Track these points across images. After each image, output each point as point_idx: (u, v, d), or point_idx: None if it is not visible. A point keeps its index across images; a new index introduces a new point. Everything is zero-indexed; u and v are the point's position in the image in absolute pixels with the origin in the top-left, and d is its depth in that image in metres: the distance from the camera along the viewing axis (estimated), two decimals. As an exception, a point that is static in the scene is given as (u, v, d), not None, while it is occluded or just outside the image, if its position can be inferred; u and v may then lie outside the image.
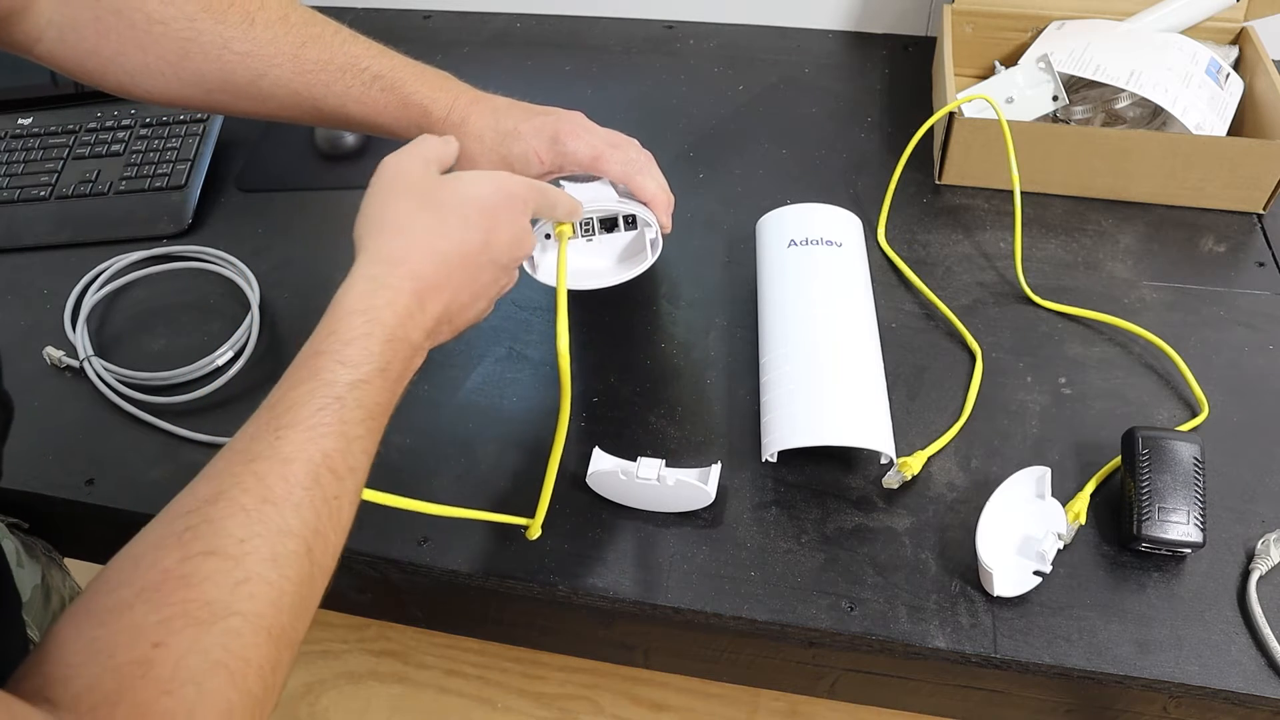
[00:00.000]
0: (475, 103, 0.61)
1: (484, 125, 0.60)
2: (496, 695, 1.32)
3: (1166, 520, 0.56)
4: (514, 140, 0.60)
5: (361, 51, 0.59)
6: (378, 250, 0.48)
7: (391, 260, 0.47)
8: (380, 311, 0.45)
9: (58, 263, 0.81)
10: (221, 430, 0.67)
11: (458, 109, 0.60)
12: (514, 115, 0.61)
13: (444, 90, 0.61)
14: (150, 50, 0.55)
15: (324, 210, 0.86)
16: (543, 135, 0.60)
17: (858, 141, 0.88)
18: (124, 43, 0.55)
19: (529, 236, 0.52)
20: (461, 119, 0.60)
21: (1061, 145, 0.78)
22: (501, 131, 0.60)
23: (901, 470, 0.61)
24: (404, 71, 0.60)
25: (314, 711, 1.34)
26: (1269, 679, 0.53)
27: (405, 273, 0.47)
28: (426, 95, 0.60)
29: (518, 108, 0.62)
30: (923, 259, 0.77)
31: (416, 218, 0.48)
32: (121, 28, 0.55)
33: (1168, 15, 0.85)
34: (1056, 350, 0.70)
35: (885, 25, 1.01)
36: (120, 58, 0.56)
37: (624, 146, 0.62)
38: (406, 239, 0.48)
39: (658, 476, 0.59)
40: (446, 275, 0.48)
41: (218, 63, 0.56)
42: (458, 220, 0.49)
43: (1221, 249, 0.77)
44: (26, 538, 0.68)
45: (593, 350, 0.72)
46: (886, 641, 0.56)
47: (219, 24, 0.56)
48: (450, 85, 0.61)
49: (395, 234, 0.48)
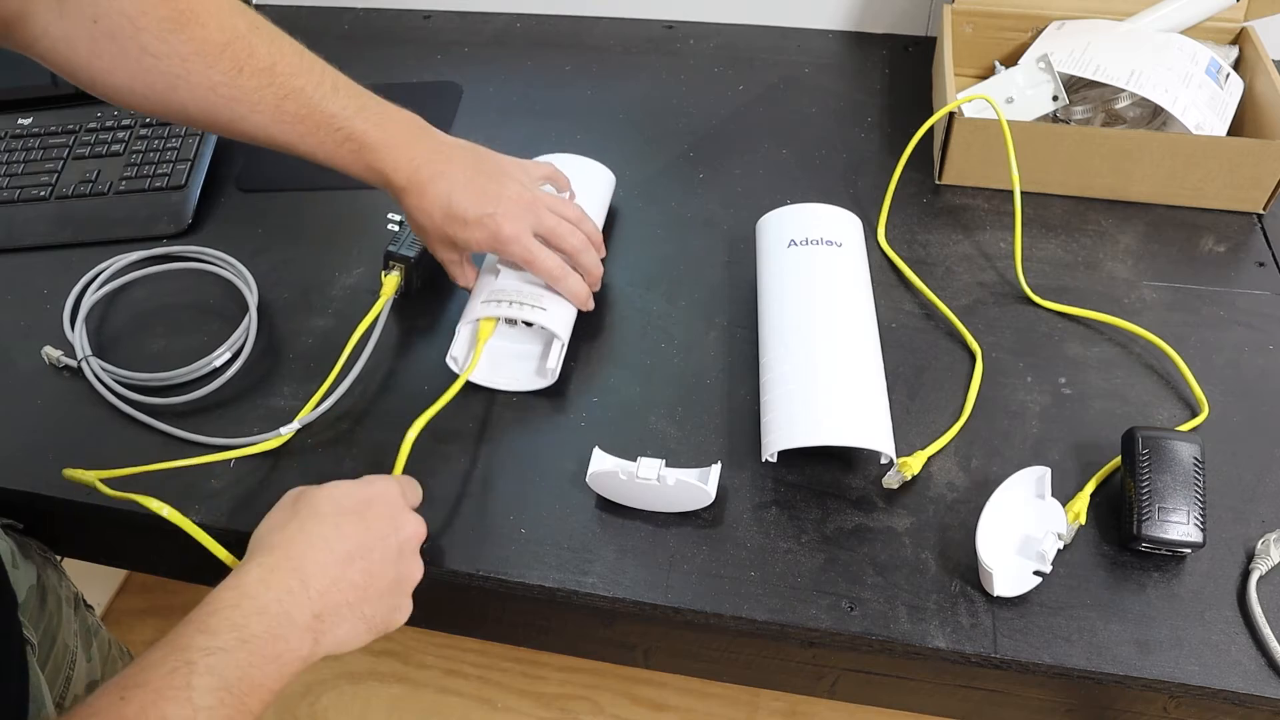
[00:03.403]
0: (435, 179, 0.63)
1: (436, 205, 0.64)
2: (496, 695, 1.32)
3: (1166, 520, 0.56)
4: (460, 227, 0.64)
5: (338, 110, 0.61)
6: (256, 545, 0.51)
7: (268, 548, 0.50)
8: (251, 585, 0.47)
9: (57, 263, 0.81)
10: (218, 431, 0.67)
11: (416, 183, 0.63)
12: (468, 200, 0.64)
13: (408, 160, 0.63)
14: (139, 78, 0.58)
15: (324, 211, 0.86)
16: (485, 231, 0.64)
17: (858, 141, 0.88)
18: (115, 66, 0.57)
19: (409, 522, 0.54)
20: (419, 192, 0.64)
21: (1061, 145, 0.78)
22: (451, 215, 0.64)
23: (901, 470, 0.61)
24: (375, 135, 0.62)
25: (314, 711, 1.34)
26: (1269, 679, 0.53)
27: (282, 554, 0.49)
28: (390, 165, 0.63)
29: (474, 190, 0.64)
30: (923, 259, 0.77)
31: (294, 516, 0.52)
32: (114, 52, 0.57)
33: (1168, 15, 0.85)
34: (1056, 350, 0.70)
35: (885, 25, 1.01)
36: (111, 76, 0.58)
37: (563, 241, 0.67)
38: (282, 533, 0.51)
39: (658, 476, 0.59)
40: (329, 554, 0.49)
41: (204, 102, 0.59)
42: (331, 509, 0.52)
43: (1221, 249, 0.77)
44: (21, 539, 0.68)
45: (593, 350, 0.72)
46: (886, 641, 0.56)
47: (209, 69, 0.58)
48: (418, 152, 0.64)
49: (271, 531, 0.51)
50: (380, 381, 0.71)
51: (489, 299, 0.67)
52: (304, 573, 0.48)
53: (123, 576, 1.48)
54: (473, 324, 0.67)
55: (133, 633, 1.41)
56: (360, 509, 0.52)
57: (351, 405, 0.69)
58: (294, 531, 0.50)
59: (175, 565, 0.79)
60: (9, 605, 0.57)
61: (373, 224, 0.81)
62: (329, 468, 0.66)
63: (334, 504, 0.52)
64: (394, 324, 0.74)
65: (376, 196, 0.85)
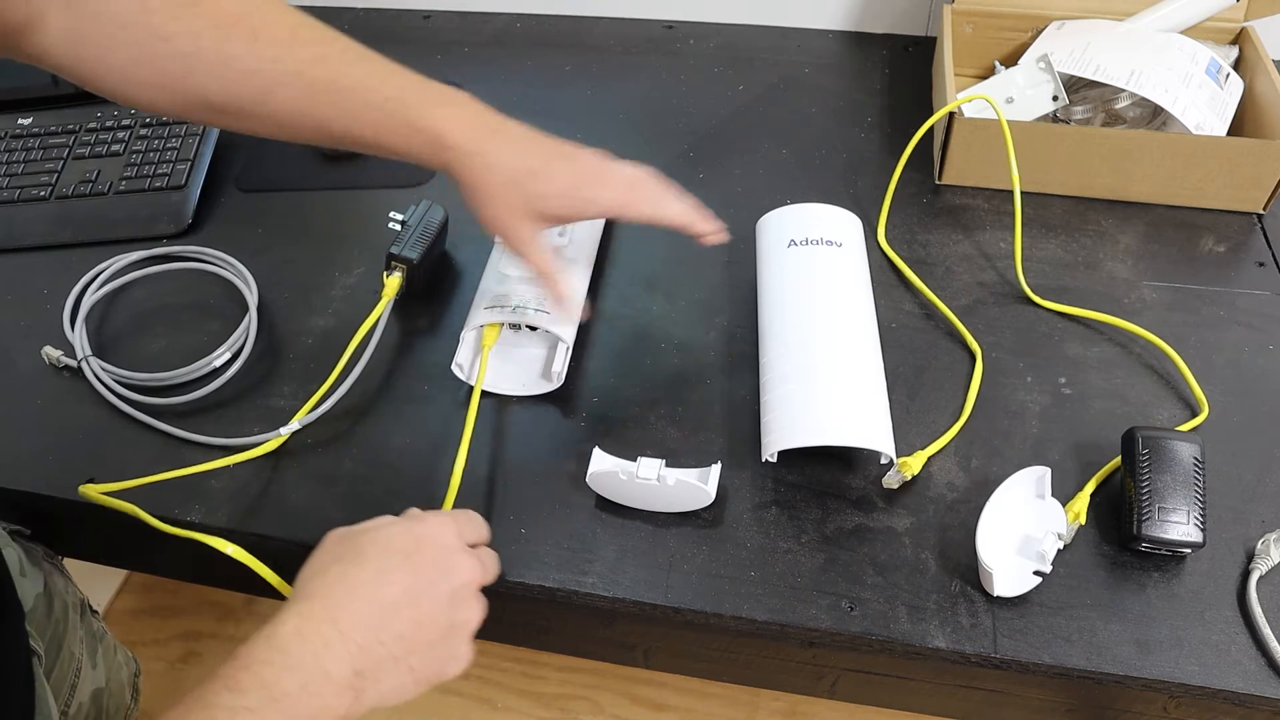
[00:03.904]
0: (495, 134, 0.58)
1: (503, 159, 0.57)
2: (496, 695, 1.32)
3: (1166, 520, 0.56)
4: (534, 180, 0.58)
5: (370, 70, 0.56)
6: (296, 592, 0.47)
7: (307, 596, 0.45)
8: (285, 639, 0.43)
9: (57, 263, 0.81)
10: (218, 431, 0.67)
11: (474, 138, 0.57)
12: (536, 153, 0.58)
13: (461, 118, 0.57)
14: (155, 65, 0.54)
15: (324, 211, 0.86)
16: (565, 179, 0.58)
17: (858, 141, 0.88)
18: (129, 58, 0.54)
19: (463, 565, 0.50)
20: (478, 149, 0.57)
21: (1061, 145, 0.78)
22: (522, 169, 0.58)
23: (901, 470, 0.61)
24: (417, 94, 0.57)
25: (314, 712, 1.34)
26: (1269, 679, 0.53)
27: (320, 603, 0.45)
28: (441, 119, 0.56)
29: (540, 144, 0.59)
30: (923, 259, 0.77)
31: (336, 561, 0.48)
32: (127, 43, 0.53)
33: (1168, 15, 0.85)
34: (1056, 350, 0.70)
35: (885, 25, 1.01)
36: (126, 72, 0.54)
37: (641, 187, 0.60)
38: (322, 579, 0.47)
39: (658, 476, 0.59)
40: (371, 603, 0.45)
41: (221, 80, 0.55)
42: (375, 553, 0.48)
43: (1221, 249, 0.77)
44: (28, 544, 0.68)
45: (593, 350, 0.72)
46: (886, 641, 0.56)
47: (223, 41, 0.54)
48: (469, 112, 0.58)
49: (311, 577, 0.47)
50: (380, 382, 0.71)
51: (492, 304, 0.67)
52: (342, 624, 0.44)
53: (123, 576, 1.48)
54: (477, 330, 0.67)
55: (133, 633, 1.41)
56: (408, 551, 0.48)
57: (351, 405, 0.69)
58: (334, 578, 0.46)
59: (175, 565, 0.79)
60: (16, 618, 0.56)
61: (373, 224, 0.81)
62: (329, 468, 0.66)
63: (379, 547, 0.48)
64: (394, 325, 0.74)
65: (377, 196, 0.86)
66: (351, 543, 0.49)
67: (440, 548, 0.49)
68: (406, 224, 0.74)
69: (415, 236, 0.73)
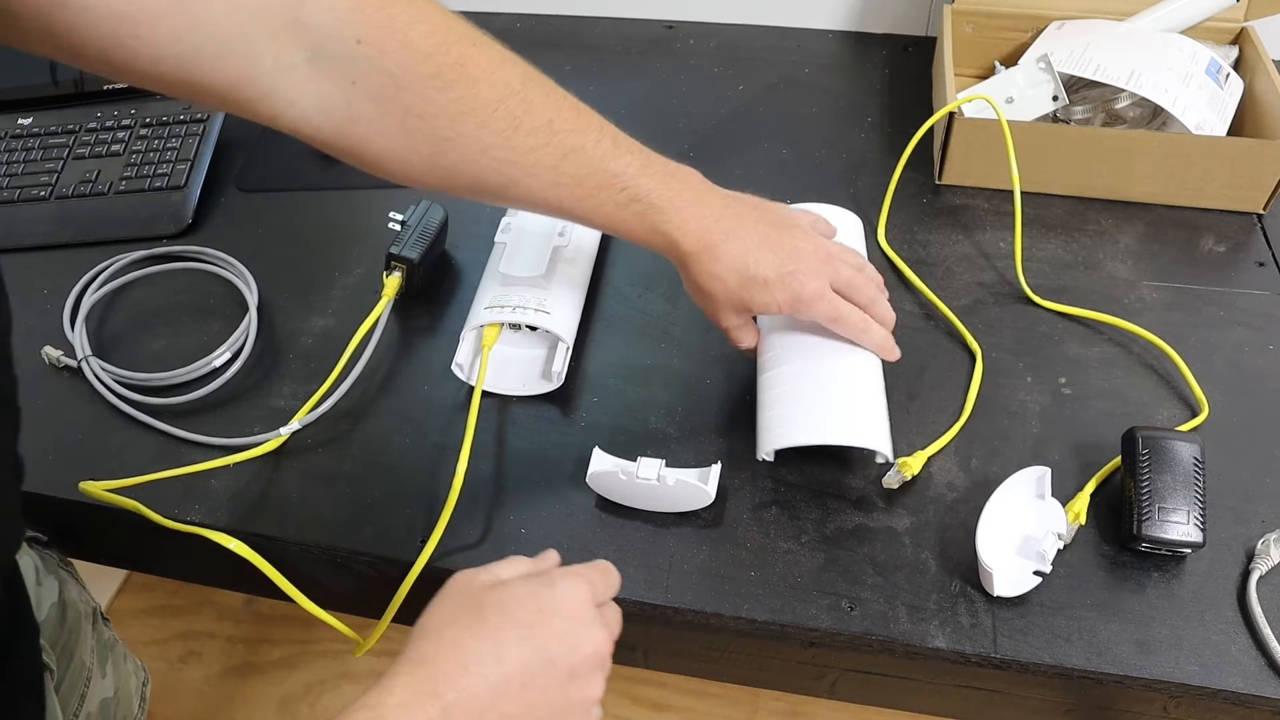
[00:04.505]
0: (728, 240, 0.58)
1: (731, 269, 0.58)
2: (496, 695, 1.32)
3: (1166, 520, 0.56)
4: (759, 289, 0.58)
5: (621, 169, 0.56)
6: (409, 650, 0.44)
7: (418, 662, 0.43)
8: (389, 711, 0.41)
9: (58, 263, 0.81)
10: (218, 431, 0.67)
11: (708, 245, 0.58)
12: (766, 260, 0.58)
13: (698, 221, 0.58)
14: (403, 143, 0.52)
15: (324, 211, 0.86)
16: (787, 291, 0.59)
17: (858, 141, 0.88)
18: (377, 131, 0.51)
19: (590, 639, 0.46)
20: (712, 257, 0.58)
21: (1061, 145, 0.78)
22: (749, 278, 0.58)
23: (901, 470, 0.61)
24: (661, 194, 0.57)
25: (314, 711, 1.34)
26: (1269, 679, 0.53)
27: (429, 674, 0.42)
28: (679, 228, 0.57)
29: (767, 248, 0.59)
30: (923, 259, 0.77)
31: (452, 622, 0.45)
32: (376, 116, 0.50)
33: (1168, 15, 0.85)
34: (1056, 350, 0.70)
35: (885, 25, 1.01)
36: (372, 144, 0.52)
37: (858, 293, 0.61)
38: (437, 640, 0.44)
39: (658, 476, 0.59)
40: (481, 681, 0.43)
41: (474, 165, 0.53)
42: (497, 619, 0.45)
43: (1221, 249, 0.77)
44: (44, 550, 0.67)
45: (593, 350, 0.72)
46: (886, 641, 0.56)
47: (480, 129, 0.52)
48: (706, 212, 0.58)
49: (425, 634, 0.45)
50: (380, 382, 0.71)
51: (492, 305, 0.67)
52: (448, 700, 0.42)
53: (123, 576, 1.48)
54: (477, 330, 0.67)
55: (132, 632, 1.41)
56: (530, 623, 0.45)
57: (351, 405, 0.69)
58: (448, 645, 0.44)
59: (175, 565, 0.79)
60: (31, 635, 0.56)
61: (373, 224, 0.81)
62: (329, 468, 0.66)
63: (499, 612, 0.45)
64: (394, 324, 0.74)
65: (377, 196, 0.86)
66: (473, 600, 0.46)
67: (566, 619, 0.45)
68: (406, 224, 0.74)
69: (415, 236, 0.73)
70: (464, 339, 0.67)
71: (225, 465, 0.65)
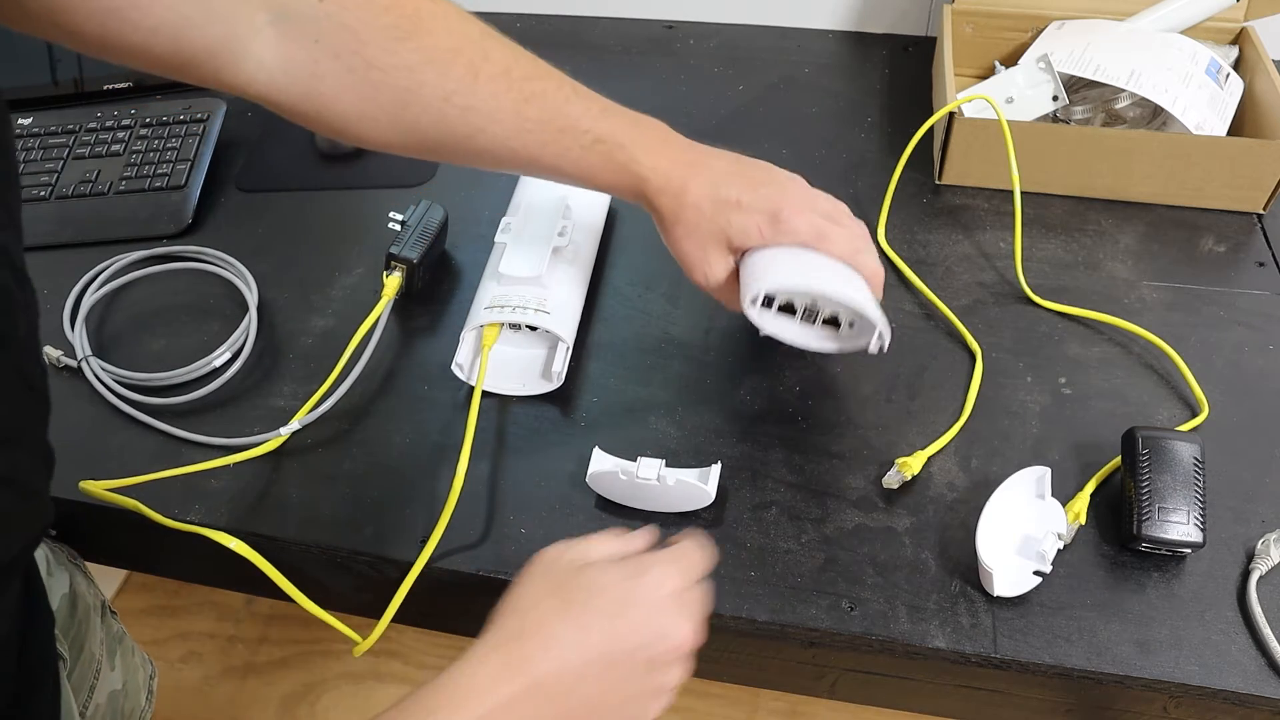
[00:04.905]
0: (693, 167, 0.59)
1: (702, 194, 0.58)
2: (496, 695, 1.32)
3: (1166, 520, 0.56)
4: (734, 211, 0.58)
5: (582, 112, 0.57)
6: (497, 628, 0.45)
7: (507, 636, 0.44)
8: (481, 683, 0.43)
9: (57, 263, 0.81)
10: (219, 431, 0.67)
11: (676, 175, 0.58)
12: (735, 185, 0.59)
13: (663, 155, 0.58)
14: (368, 97, 0.53)
15: (323, 211, 0.86)
16: (765, 210, 0.58)
17: (858, 141, 0.88)
18: (341, 87, 0.53)
19: (675, 630, 0.46)
20: (680, 187, 0.58)
21: (1061, 145, 0.78)
22: (721, 200, 0.58)
23: (901, 470, 0.61)
24: (624, 135, 0.58)
25: (314, 711, 1.34)
26: (1269, 679, 0.53)
27: (516, 650, 0.44)
28: (645, 164, 0.58)
29: (738, 175, 0.60)
30: (923, 259, 0.77)
31: (536, 604, 0.46)
32: (340, 72, 0.52)
33: (1168, 15, 0.85)
34: (1056, 350, 0.70)
35: (885, 25, 1.01)
36: (336, 103, 0.53)
37: (843, 221, 0.61)
38: (521, 621, 0.45)
39: (658, 476, 0.59)
40: (562, 663, 0.44)
41: (436, 115, 0.54)
42: (583, 602, 0.45)
43: (1221, 249, 0.77)
44: (54, 544, 0.67)
45: (593, 350, 0.72)
46: (886, 641, 0.56)
47: (441, 77, 0.53)
48: (669, 148, 0.59)
49: (513, 612, 0.46)
50: (380, 381, 0.71)
51: (492, 305, 0.67)
52: (536, 674, 0.43)
53: (123, 576, 1.48)
54: (477, 330, 0.67)
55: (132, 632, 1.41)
56: (613, 613, 0.45)
57: (351, 405, 0.69)
58: (534, 623, 0.45)
59: (175, 565, 0.79)
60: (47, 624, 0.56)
61: (373, 224, 0.81)
62: (329, 468, 0.66)
63: (585, 596, 0.45)
64: (394, 324, 0.74)
65: (377, 196, 0.86)
66: (559, 580, 0.46)
67: (650, 609, 0.45)
68: (406, 224, 0.74)
69: (415, 236, 0.73)
70: (464, 339, 0.67)
71: (225, 465, 0.65)
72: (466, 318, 0.69)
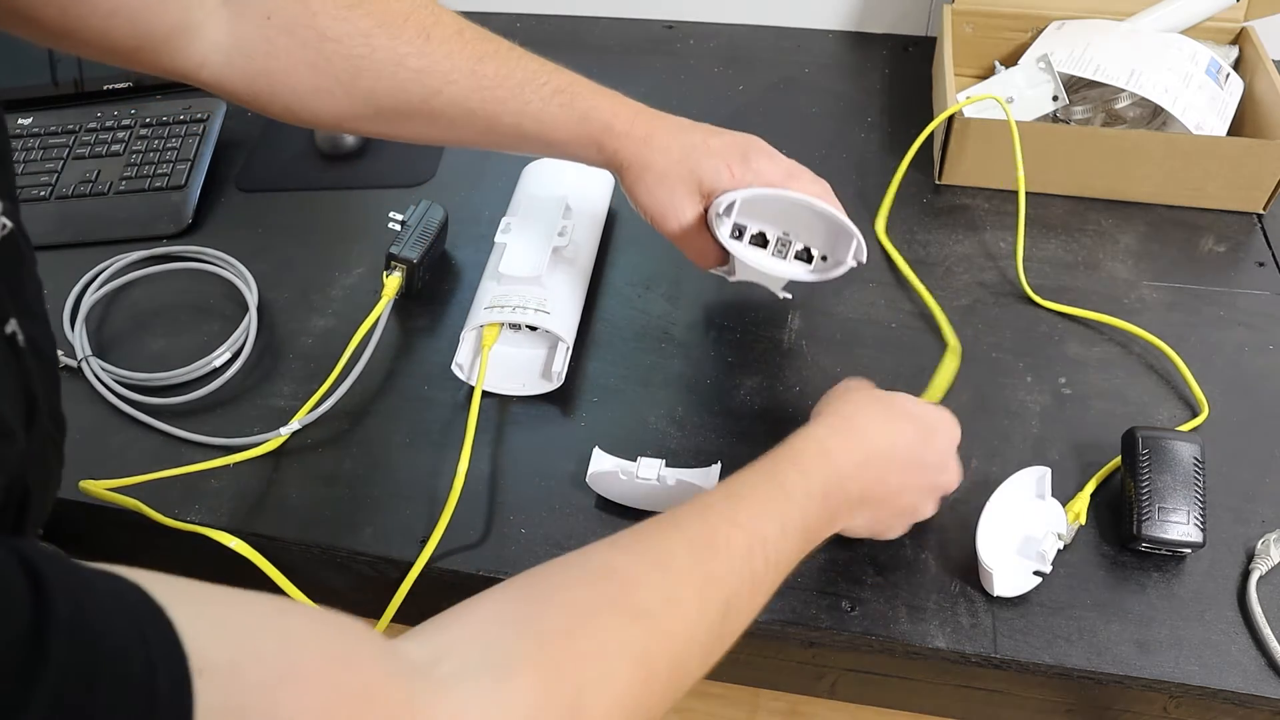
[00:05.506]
0: (657, 118, 0.59)
1: (669, 139, 0.59)
2: (496, 695, 1.32)
3: (1166, 520, 0.56)
4: (704, 154, 0.59)
5: (538, 67, 0.57)
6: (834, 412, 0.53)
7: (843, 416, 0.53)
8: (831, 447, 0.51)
9: (57, 263, 0.81)
10: (219, 431, 0.67)
11: (640, 123, 0.59)
12: (699, 131, 0.60)
13: (625, 105, 0.59)
14: (321, 69, 0.53)
15: (323, 211, 0.86)
16: (733, 152, 0.59)
17: (858, 141, 0.88)
18: (294, 62, 0.53)
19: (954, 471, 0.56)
20: (645, 133, 0.58)
21: (1061, 145, 0.78)
22: (689, 145, 0.59)
23: (901, 470, 0.61)
24: (582, 86, 0.58)
25: (314, 712, 1.34)
26: (1269, 679, 0.53)
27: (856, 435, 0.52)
28: (607, 110, 0.58)
29: (701, 126, 0.61)
30: (923, 259, 0.77)
31: (866, 405, 0.54)
32: (292, 47, 0.52)
33: (1168, 15, 0.85)
34: (1056, 350, 0.70)
35: (885, 25, 1.01)
36: (289, 79, 0.53)
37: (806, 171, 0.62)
38: (854, 407, 0.54)
39: (658, 476, 0.59)
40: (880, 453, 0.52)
41: (391, 80, 0.54)
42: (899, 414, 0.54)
43: (1221, 249, 0.77)
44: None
45: (593, 350, 0.72)
46: (886, 641, 0.56)
47: (394, 40, 0.53)
48: (630, 102, 0.60)
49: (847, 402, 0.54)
50: (380, 381, 0.71)
51: (492, 305, 0.67)
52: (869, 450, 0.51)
53: (123, 576, 1.48)
54: (477, 330, 0.67)
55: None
56: (924, 431, 0.54)
57: (351, 405, 0.69)
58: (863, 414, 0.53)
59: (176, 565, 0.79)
60: None
61: (373, 224, 0.81)
62: (329, 468, 0.66)
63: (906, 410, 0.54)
64: (394, 324, 0.74)
65: (377, 196, 0.86)
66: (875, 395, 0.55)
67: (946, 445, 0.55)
68: (406, 224, 0.74)
69: (415, 236, 0.73)
70: (464, 339, 0.67)
71: (225, 465, 0.65)
72: (466, 318, 0.69)
